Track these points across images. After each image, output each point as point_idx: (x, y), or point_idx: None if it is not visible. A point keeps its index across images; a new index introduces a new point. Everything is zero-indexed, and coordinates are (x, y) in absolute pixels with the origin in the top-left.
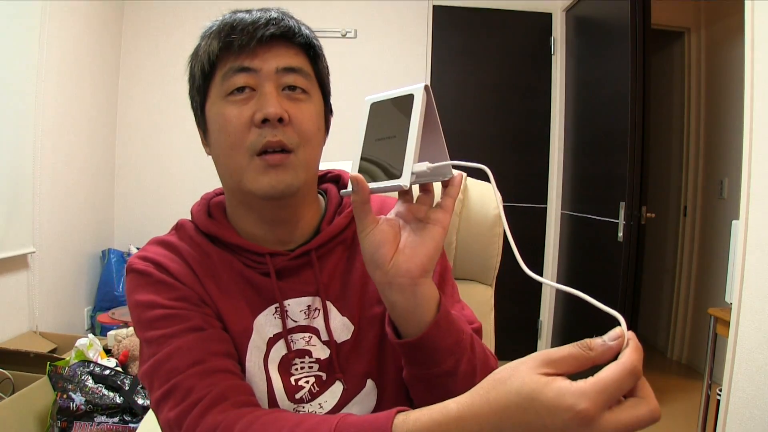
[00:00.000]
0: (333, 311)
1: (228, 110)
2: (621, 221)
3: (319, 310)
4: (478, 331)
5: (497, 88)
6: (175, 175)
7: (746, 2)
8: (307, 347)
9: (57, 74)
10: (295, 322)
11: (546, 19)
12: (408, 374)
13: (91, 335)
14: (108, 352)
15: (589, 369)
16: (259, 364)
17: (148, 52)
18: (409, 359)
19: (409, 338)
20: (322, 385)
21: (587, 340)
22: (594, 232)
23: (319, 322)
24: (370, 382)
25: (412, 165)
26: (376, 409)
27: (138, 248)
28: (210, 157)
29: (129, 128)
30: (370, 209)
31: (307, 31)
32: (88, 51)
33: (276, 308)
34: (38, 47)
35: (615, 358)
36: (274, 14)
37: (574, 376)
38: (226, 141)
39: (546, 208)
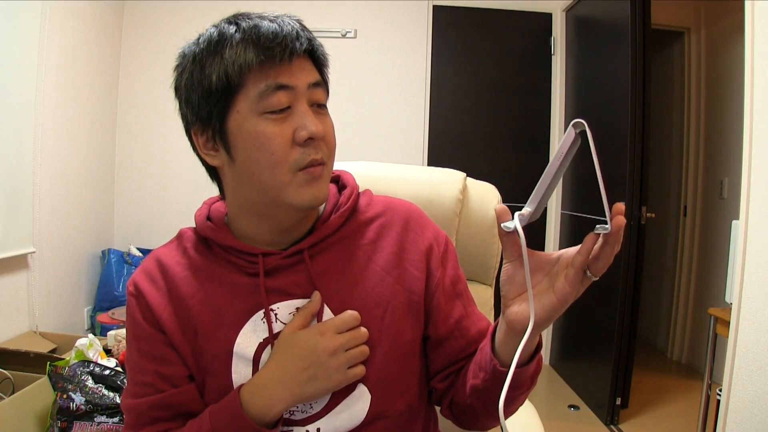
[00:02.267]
0: (327, 312)
1: (268, 128)
2: None
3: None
4: None
5: (497, 88)
6: (175, 175)
7: (746, 2)
8: None
9: (57, 74)
10: (284, 324)
11: (546, 19)
12: (484, 386)
13: (91, 335)
14: (108, 352)
15: None
16: (246, 375)
17: (148, 52)
18: (497, 380)
19: (505, 369)
20: None
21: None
22: None
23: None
24: (361, 387)
25: (527, 208)
26: (369, 414)
27: (138, 248)
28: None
29: (129, 128)
30: (509, 242)
31: (318, 41)
32: (88, 51)
33: (264, 313)
34: (38, 47)
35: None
36: (296, 24)
37: None
38: (267, 159)
39: (546, 208)
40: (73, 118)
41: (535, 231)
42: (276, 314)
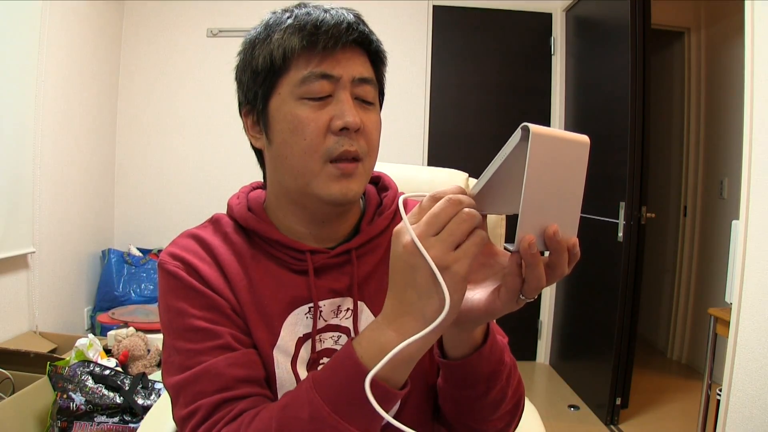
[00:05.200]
0: (366, 312)
1: (304, 113)
2: (621, 221)
3: (351, 309)
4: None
5: (497, 88)
6: (175, 175)
7: (746, 2)
8: (335, 347)
9: (57, 74)
10: (326, 321)
11: (546, 19)
12: (441, 384)
13: (91, 335)
14: (108, 352)
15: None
16: (287, 368)
17: (148, 52)
18: (445, 375)
19: (450, 360)
20: None
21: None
22: (594, 232)
23: (350, 322)
24: None
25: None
26: (398, 414)
27: (138, 248)
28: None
29: (129, 128)
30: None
31: (376, 38)
32: (88, 51)
33: (309, 308)
34: (38, 47)
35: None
36: (351, 17)
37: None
38: (299, 144)
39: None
40: (72, 118)
41: None
42: (321, 311)
